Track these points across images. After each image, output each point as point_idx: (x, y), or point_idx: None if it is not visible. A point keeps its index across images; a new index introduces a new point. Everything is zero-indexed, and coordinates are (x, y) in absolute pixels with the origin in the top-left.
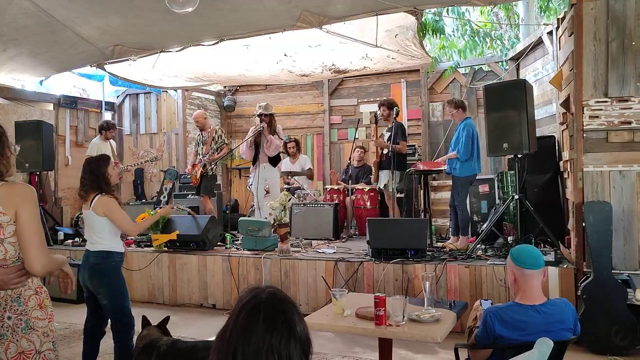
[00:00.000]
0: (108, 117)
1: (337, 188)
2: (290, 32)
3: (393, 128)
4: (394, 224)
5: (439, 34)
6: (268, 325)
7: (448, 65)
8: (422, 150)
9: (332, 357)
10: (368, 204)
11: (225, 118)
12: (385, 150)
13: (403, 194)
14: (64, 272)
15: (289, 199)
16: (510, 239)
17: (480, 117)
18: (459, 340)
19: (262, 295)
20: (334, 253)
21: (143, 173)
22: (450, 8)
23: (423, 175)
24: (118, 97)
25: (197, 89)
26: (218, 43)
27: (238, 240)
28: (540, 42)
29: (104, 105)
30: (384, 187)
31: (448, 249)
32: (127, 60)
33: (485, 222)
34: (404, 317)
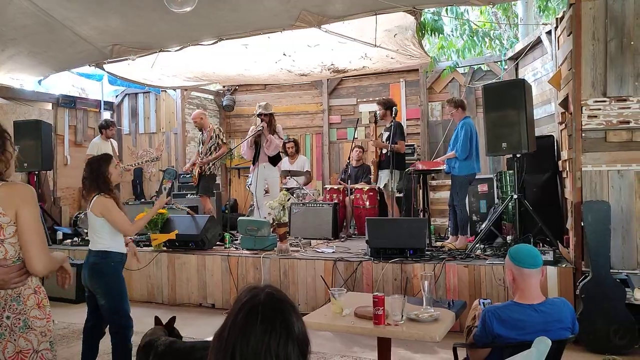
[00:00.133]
0: (107, 116)
1: (336, 188)
2: (289, 31)
3: (391, 128)
4: (393, 224)
5: (438, 34)
6: (266, 326)
7: (447, 65)
8: (421, 150)
9: (331, 356)
10: (367, 204)
11: (225, 117)
12: (384, 150)
13: (402, 194)
14: (63, 268)
15: (288, 199)
16: (509, 239)
17: (479, 116)
18: (458, 340)
19: (260, 296)
20: (333, 253)
21: (142, 173)
22: (449, 8)
23: (422, 175)
24: (117, 96)
25: (196, 89)
26: (217, 43)
27: (237, 240)
28: (539, 41)
29: (103, 105)
30: (384, 186)
31: (447, 249)
32: (126, 60)
33: (484, 221)
34: (403, 316)
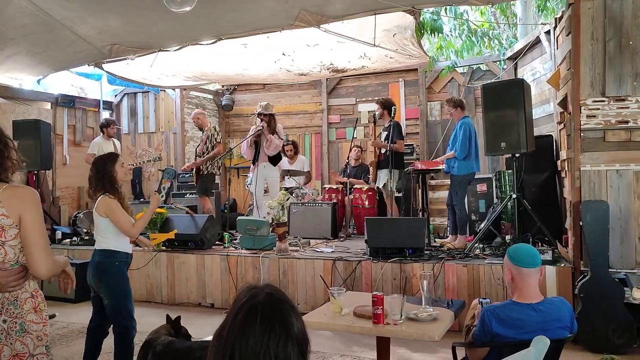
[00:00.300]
0: (106, 116)
1: (335, 187)
2: (289, 31)
3: (390, 127)
4: (392, 223)
5: (437, 33)
6: (265, 327)
7: (446, 65)
8: (420, 150)
9: (330, 356)
10: (366, 203)
11: (224, 117)
12: (383, 150)
13: (401, 193)
14: (65, 272)
15: (287, 198)
16: (508, 238)
17: (478, 116)
18: (457, 339)
19: (259, 296)
20: (332, 252)
21: (141, 172)
22: (448, 8)
23: (421, 175)
24: (116, 96)
25: (195, 88)
26: (216, 42)
27: (236, 240)
28: (538, 41)
29: (102, 105)
30: (383, 186)
31: (446, 248)
32: (125, 60)
33: (483, 221)
34: (402, 315)
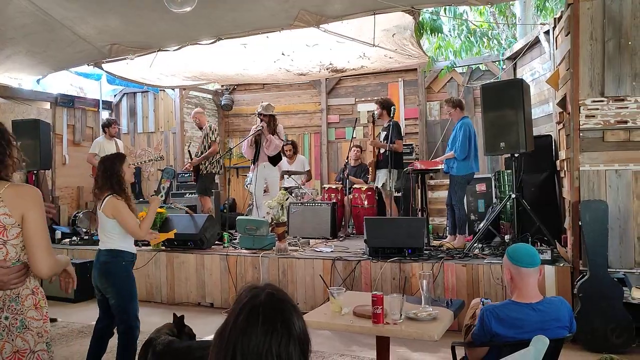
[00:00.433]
0: (105, 116)
1: (334, 187)
2: (288, 31)
3: (389, 127)
4: (391, 223)
5: (437, 33)
6: (267, 327)
7: (445, 65)
8: (419, 150)
9: (329, 355)
10: (365, 203)
11: (223, 117)
12: (382, 150)
13: (400, 193)
14: (66, 271)
15: (287, 198)
16: (507, 238)
17: (478, 116)
18: (456, 339)
19: (261, 296)
20: (332, 252)
21: (140, 172)
22: (448, 8)
23: (420, 175)
24: (115, 96)
25: (194, 88)
26: (216, 42)
27: (236, 239)
28: (537, 41)
29: (102, 104)
30: (382, 186)
31: (445, 248)
32: (124, 59)
33: (482, 221)
34: (402, 315)
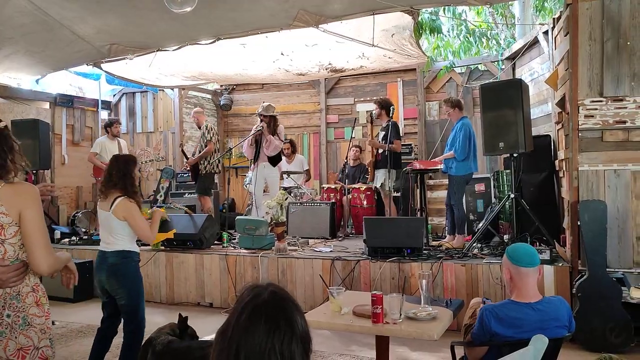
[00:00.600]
0: (104, 116)
1: (334, 187)
2: (287, 31)
3: (387, 127)
4: (391, 223)
5: (436, 34)
6: (270, 326)
7: (444, 65)
8: (418, 150)
9: (329, 355)
10: (364, 203)
11: (222, 117)
12: (381, 150)
13: (399, 193)
14: (68, 268)
15: (286, 198)
16: (506, 238)
17: (477, 116)
18: (456, 338)
19: (263, 295)
20: (331, 252)
21: (140, 172)
22: (447, 8)
23: (419, 174)
24: (114, 95)
25: (193, 88)
26: (215, 42)
27: (235, 239)
28: (536, 41)
29: (101, 104)
30: (381, 186)
31: (444, 248)
32: (123, 59)
33: (481, 220)
34: (401, 315)
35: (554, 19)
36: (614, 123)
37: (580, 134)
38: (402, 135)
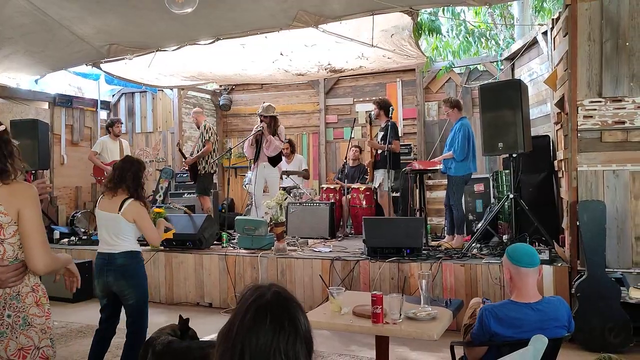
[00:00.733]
0: (103, 116)
1: (333, 187)
2: (287, 31)
3: (386, 128)
4: (390, 223)
5: (435, 34)
6: (275, 326)
7: (443, 65)
8: (417, 150)
9: (328, 355)
10: (364, 203)
11: (221, 117)
12: (380, 150)
13: (399, 193)
14: (70, 270)
15: (285, 198)
16: (505, 238)
17: (476, 116)
18: (455, 338)
19: (267, 295)
20: (330, 252)
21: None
22: (446, 8)
23: (418, 175)
24: (113, 96)
25: (193, 88)
26: (214, 42)
27: (234, 239)
28: (535, 42)
29: (100, 104)
30: (378, 186)
31: (443, 248)
32: (123, 59)
33: (480, 221)
34: (401, 315)
35: (553, 20)
36: (613, 123)
37: (579, 135)
38: (401, 136)
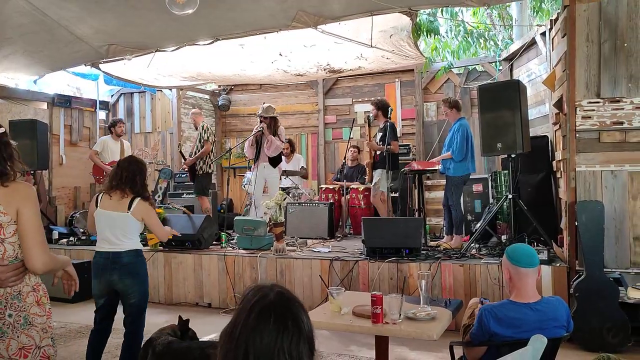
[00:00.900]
0: (102, 116)
1: (332, 187)
2: (286, 32)
3: (384, 128)
4: (389, 223)
5: (434, 35)
6: (278, 326)
7: (442, 66)
8: (416, 150)
9: (328, 355)
10: (363, 204)
11: (220, 117)
12: (379, 151)
13: (397, 194)
14: (68, 273)
15: (284, 198)
16: (504, 238)
17: (474, 117)
18: (454, 338)
19: (270, 296)
20: (329, 252)
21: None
22: (445, 9)
23: (417, 175)
24: (112, 96)
25: (192, 88)
26: (213, 43)
27: (233, 240)
28: (534, 43)
29: (99, 105)
30: (373, 185)
31: (442, 248)
32: (122, 60)
33: (479, 221)
34: (401, 315)
35: (552, 21)
36: (611, 124)
37: (578, 135)
38: (399, 136)
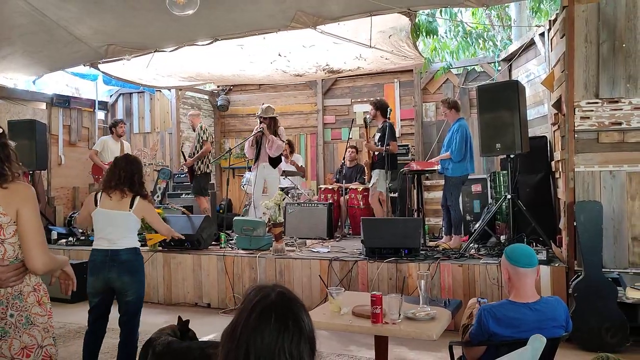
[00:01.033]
0: (101, 116)
1: (331, 188)
2: (285, 32)
3: (383, 128)
4: (388, 224)
5: (433, 35)
6: (280, 326)
7: (441, 66)
8: (415, 150)
9: (327, 355)
10: (362, 204)
11: (219, 117)
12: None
13: (396, 194)
14: (65, 273)
15: (284, 199)
16: (503, 238)
17: (473, 117)
18: (453, 338)
19: (271, 296)
20: (329, 252)
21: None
22: (444, 9)
23: (416, 175)
24: (111, 96)
25: (190, 89)
26: (212, 43)
27: (233, 240)
28: (533, 43)
29: (97, 105)
30: (372, 186)
31: (441, 248)
32: (121, 60)
33: (478, 221)
34: (400, 315)
35: (550, 21)
36: (610, 124)
37: (576, 135)
38: (398, 136)
